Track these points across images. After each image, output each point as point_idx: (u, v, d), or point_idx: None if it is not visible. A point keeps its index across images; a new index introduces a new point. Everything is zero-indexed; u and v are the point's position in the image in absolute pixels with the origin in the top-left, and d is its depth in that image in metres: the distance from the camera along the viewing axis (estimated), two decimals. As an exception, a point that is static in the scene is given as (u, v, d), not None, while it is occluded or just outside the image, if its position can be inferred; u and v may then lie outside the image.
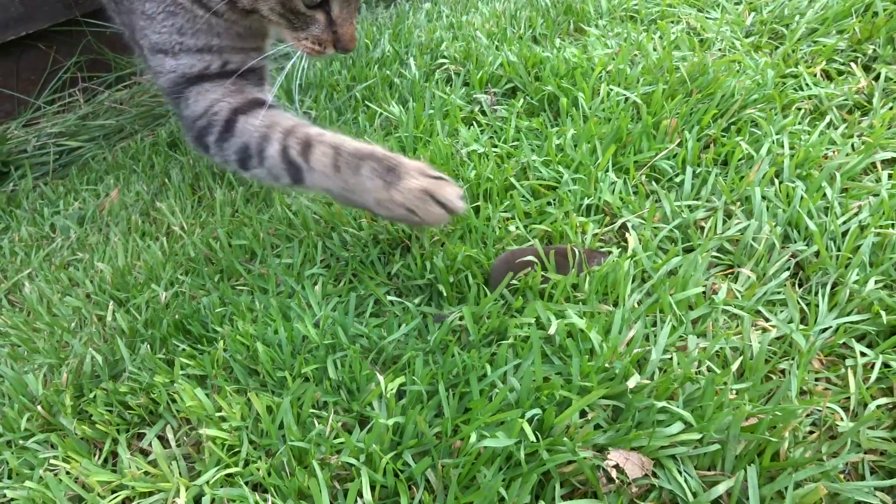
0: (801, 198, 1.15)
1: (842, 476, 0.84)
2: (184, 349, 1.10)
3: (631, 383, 0.89)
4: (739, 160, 1.28)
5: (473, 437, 0.85)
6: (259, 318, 1.13)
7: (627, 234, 1.18)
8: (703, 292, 1.07)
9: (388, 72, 1.88)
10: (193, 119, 1.30)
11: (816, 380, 0.96)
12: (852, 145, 1.29)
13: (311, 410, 0.97)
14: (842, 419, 0.88)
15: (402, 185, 1.05)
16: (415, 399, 0.95)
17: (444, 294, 1.13)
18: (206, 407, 0.99)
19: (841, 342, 0.97)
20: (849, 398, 0.91)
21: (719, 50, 1.68)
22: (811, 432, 0.89)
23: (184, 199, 1.55)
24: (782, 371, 0.96)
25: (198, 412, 0.98)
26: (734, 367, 0.93)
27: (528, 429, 0.85)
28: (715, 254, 1.13)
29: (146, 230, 1.48)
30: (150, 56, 1.33)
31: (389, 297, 1.14)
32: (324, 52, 1.21)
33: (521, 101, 1.59)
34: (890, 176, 1.20)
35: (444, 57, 1.89)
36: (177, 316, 1.16)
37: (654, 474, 0.84)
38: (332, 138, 1.16)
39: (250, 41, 1.33)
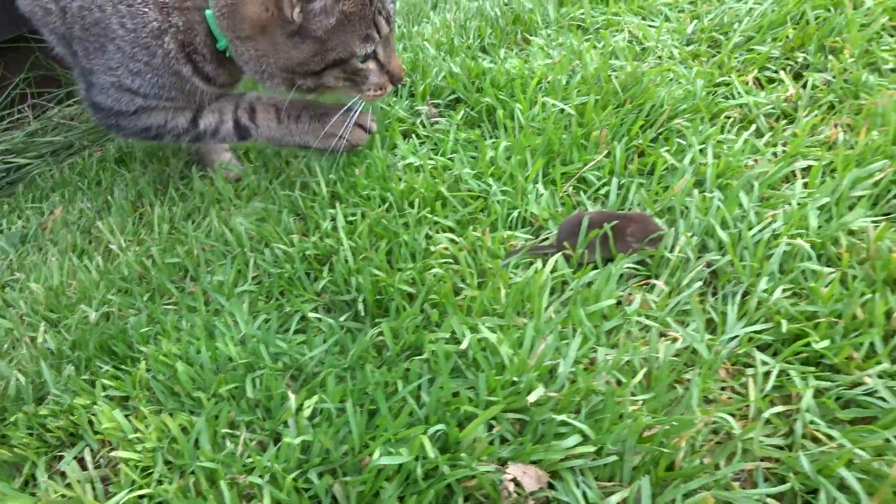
0: (718, 208, 1.17)
1: (736, 484, 0.86)
2: (107, 370, 1.11)
3: (532, 397, 0.91)
4: (664, 170, 1.30)
5: (377, 454, 0.86)
6: (184, 337, 1.14)
7: (550, 247, 1.20)
8: (619, 303, 1.09)
9: (335, 84, 1.89)
10: (144, 128, 1.47)
11: (723, 389, 0.98)
12: (774, 153, 1.31)
13: (226, 430, 0.98)
14: (736, 429, 0.90)
15: (332, 122, 1.40)
16: (326, 417, 0.96)
17: (369, 311, 1.14)
18: (124, 428, 1.00)
19: (743, 352, 0.99)
20: (748, 407, 0.93)
21: (659, 58, 1.71)
22: (714, 441, 0.91)
23: (125, 216, 1.56)
24: (689, 381, 0.98)
25: (115, 434, 0.99)
26: (638, 378, 0.95)
27: (427, 445, 0.86)
28: (633, 265, 1.14)
29: (85, 248, 1.49)
30: (112, 88, 1.39)
31: (314, 314, 1.16)
32: (385, 92, 1.37)
33: (462, 112, 1.61)
34: (805, 185, 1.22)
35: (392, 68, 1.90)
36: (103, 336, 1.17)
37: (552, 486, 0.86)
38: (270, 99, 1.45)
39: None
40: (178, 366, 1.05)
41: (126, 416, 1.02)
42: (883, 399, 0.91)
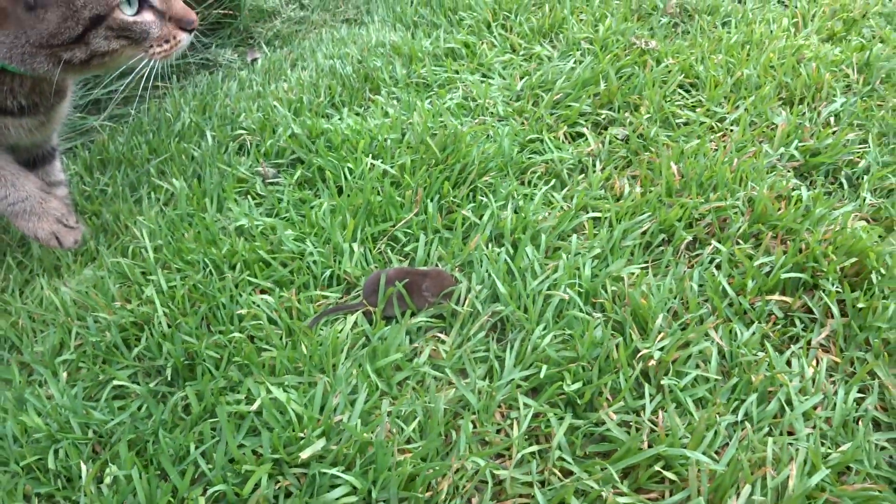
0: (504, 261, 1.29)
1: (491, 520, 0.96)
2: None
3: (306, 453, 0.98)
4: (466, 226, 1.42)
5: (157, 518, 0.92)
6: (-6, 411, 1.16)
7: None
8: (413, 357, 1.19)
9: (185, 144, 1.94)
10: None
11: (498, 431, 1.08)
12: (561, 207, 1.44)
13: (21, 502, 1.01)
14: (494, 469, 1.00)
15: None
16: (119, 484, 1.01)
17: (180, 374, 1.20)
18: (-81, 509, 1.01)
19: (512, 396, 1.09)
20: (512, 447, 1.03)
21: (491, 115, 1.84)
22: (479, 482, 1.01)
23: (-42, 287, 1.56)
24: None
25: None
26: (412, 427, 1.04)
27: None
28: (430, 318, 1.24)
29: None
30: None
31: (128, 381, 1.20)
32: (179, 42, 1.23)
33: (299, 172, 1.69)
34: (583, 236, 1.36)
35: (243, 128, 1.97)
36: (-89, 416, 1.18)
37: (322, 536, 0.93)
38: None
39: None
40: (-20, 442, 1.08)
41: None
42: (626, 432, 1.03)
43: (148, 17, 1.19)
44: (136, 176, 1.86)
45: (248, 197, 1.65)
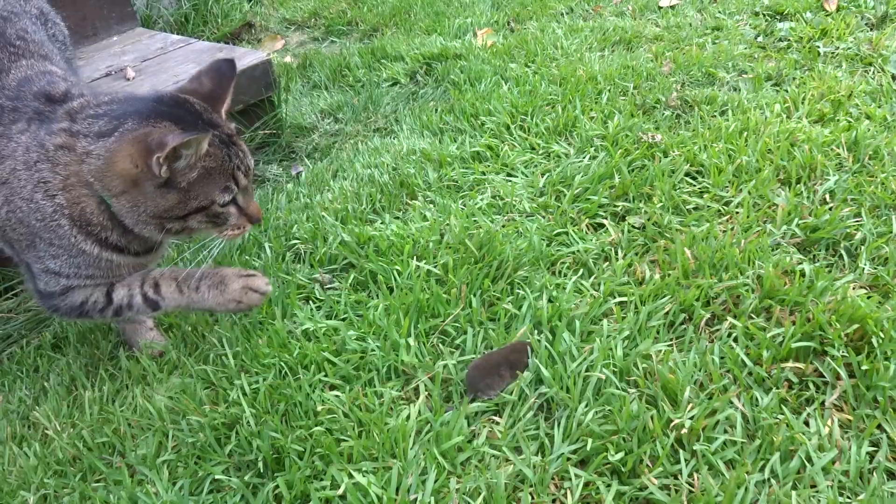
0: (545, 347, 1.47)
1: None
2: (44, 548, 1.29)
3: (390, 530, 1.14)
4: (506, 317, 1.60)
5: None
6: (111, 509, 1.34)
7: (420, 392, 1.46)
8: (471, 439, 1.35)
9: (247, 257, 2.17)
10: (73, 307, 1.64)
11: (553, 501, 1.23)
12: (591, 294, 1.63)
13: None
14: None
15: (229, 289, 1.59)
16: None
17: (269, 466, 1.37)
18: None
19: (563, 468, 1.25)
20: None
21: (519, 213, 2.05)
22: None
23: (60, 400, 1.76)
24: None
25: None
26: (478, 501, 1.20)
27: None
28: (484, 403, 1.41)
29: (24, 435, 1.68)
30: (43, 273, 1.60)
31: (223, 476, 1.37)
32: (244, 230, 1.57)
33: (352, 276, 1.90)
34: (613, 319, 1.53)
35: (296, 238, 2.20)
36: (40, 518, 1.36)
37: None
38: (172, 272, 1.64)
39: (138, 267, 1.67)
40: (106, 537, 1.25)
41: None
42: (668, 495, 1.18)
43: (232, 209, 1.52)
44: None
45: (309, 302, 1.85)
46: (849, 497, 1.12)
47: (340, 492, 1.23)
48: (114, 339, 1.95)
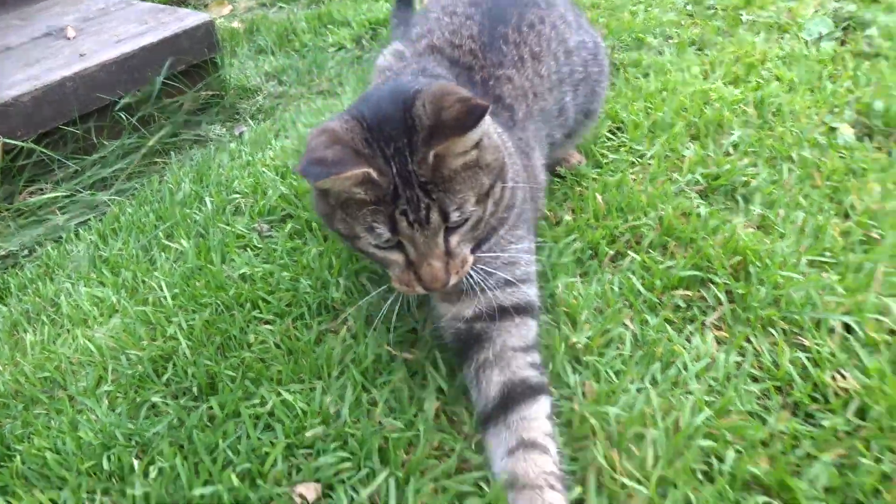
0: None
1: None
2: (-13, 468, 1.38)
3: (310, 433, 1.26)
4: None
5: (198, 490, 1.19)
6: (53, 433, 1.42)
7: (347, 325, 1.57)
8: (390, 361, 1.47)
9: (188, 210, 2.24)
10: None
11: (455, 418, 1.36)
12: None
13: (86, 495, 1.27)
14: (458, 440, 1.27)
15: None
16: (163, 474, 1.27)
17: (203, 391, 1.47)
18: (1, 510, 1.27)
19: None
20: None
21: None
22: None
23: (2, 344, 1.82)
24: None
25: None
26: (381, 404, 1.32)
27: (234, 478, 1.19)
28: (405, 333, 1.53)
29: (-33, 375, 1.74)
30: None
31: (156, 400, 1.47)
32: (412, 290, 1.25)
33: (290, 226, 1.99)
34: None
35: (237, 192, 2.28)
36: (-16, 442, 1.44)
37: (328, 495, 1.20)
38: None
39: None
40: (48, 455, 1.34)
41: (6, 500, 1.29)
42: (566, 399, 1.32)
43: (394, 257, 1.24)
44: (147, 240, 2.15)
45: (248, 250, 1.94)
46: (715, 396, 1.27)
47: (268, 408, 1.34)
48: (54, 286, 2.01)
